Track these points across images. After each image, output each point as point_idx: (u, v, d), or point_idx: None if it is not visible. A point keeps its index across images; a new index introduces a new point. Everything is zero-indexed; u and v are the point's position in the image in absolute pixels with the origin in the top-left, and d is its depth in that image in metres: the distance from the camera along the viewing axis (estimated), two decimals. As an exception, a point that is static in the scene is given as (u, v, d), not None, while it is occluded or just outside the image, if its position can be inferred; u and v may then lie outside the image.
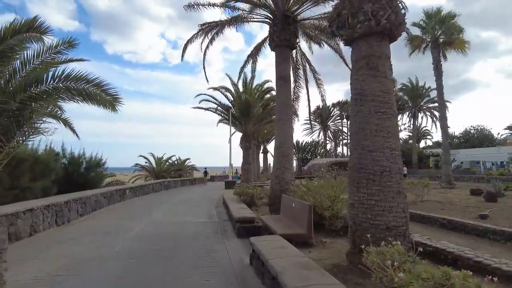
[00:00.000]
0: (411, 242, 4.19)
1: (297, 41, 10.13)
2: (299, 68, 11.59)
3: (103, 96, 7.23)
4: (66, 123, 9.16)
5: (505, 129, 45.32)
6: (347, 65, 11.54)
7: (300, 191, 7.97)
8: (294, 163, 52.15)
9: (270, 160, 41.68)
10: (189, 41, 11.68)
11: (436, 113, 41.74)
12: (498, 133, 47.05)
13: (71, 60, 7.59)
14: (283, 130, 9.18)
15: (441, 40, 20.67)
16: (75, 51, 7.94)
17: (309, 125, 54.34)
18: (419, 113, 41.76)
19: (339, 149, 56.06)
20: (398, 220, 4.14)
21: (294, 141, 48.84)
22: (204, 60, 12.40)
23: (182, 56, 12.10)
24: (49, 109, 8.14)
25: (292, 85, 10.32)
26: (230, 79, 18.40)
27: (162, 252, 5.96)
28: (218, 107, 19.48)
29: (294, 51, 10.73)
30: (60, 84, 6.97)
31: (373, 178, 4.23)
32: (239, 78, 13.38)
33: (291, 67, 10.48)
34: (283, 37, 9.56)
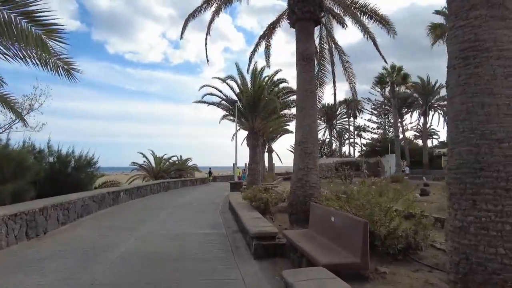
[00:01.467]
0: None
1: (322, 14, 8.39)
2: (325, 49, 9.81)
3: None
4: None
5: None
6: (379, 51, 9.84)
7: (333, 198, 6.22)
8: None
9: (275, 159, 39.97)
10: (191, 16, 9.96)
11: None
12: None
13: None
14: (306, 122, 7.45)
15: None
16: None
17: (324, 121, 52.62)
18: (430, 111, 39.95)
19: (344, 149, 54.40)
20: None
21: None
22: (207, 36, 10.62)
23: (182, 34, 10.41)
24: None
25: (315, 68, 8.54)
26: (238, 68, 16.65)
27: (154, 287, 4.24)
28: (222, 101, 17.70)
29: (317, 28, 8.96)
30: None
31: (506, 186, 2.52)
32: (249, 65, 11.66)
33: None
34: (306, 9, 7.85)
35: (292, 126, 30.34)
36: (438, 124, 42.38)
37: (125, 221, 9.53)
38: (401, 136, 50.46)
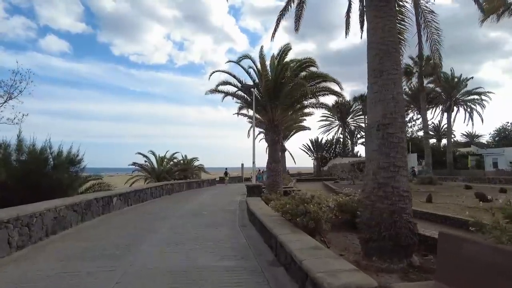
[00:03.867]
0: None
1: None
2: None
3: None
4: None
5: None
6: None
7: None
8: (312, 163, 47.44)
9: (288, 160, 37.08)
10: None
11: (477, 106, 36.93)
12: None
13: None
14: (389, 93, 4.63)
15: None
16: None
17: (328, 118, 49.56)
18: (454, 107, 36.80)
19: (357, 148, 51.24)
20: None
21: (311, 138, 44.10)
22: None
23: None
24: None
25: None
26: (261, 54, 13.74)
27: None
28: (238, 91, 14.77)
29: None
30: None
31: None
32: (273, 34, 8.87)
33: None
34: None
35: (308, 121, 27.48)
36: (465, 120, 38.76)
37: (111, 241, 6.81)
38: (418, 133, 47.57)
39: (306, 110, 17.70)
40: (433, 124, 45.88)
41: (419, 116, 44.25)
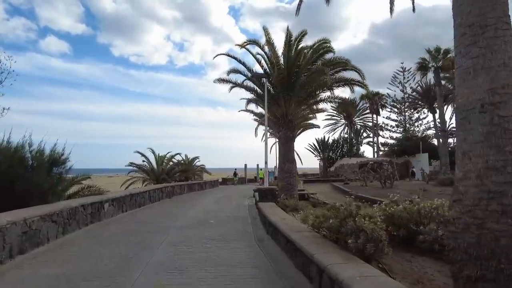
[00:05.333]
0: None
1: None
2: None
3: None
4: None
5: None
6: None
7: None
8: (318, 164, 45.55)
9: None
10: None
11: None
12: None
13: None
14: (496, 59, 3.06)
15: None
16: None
17: (334, 117, 47.82)
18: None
19: (362, 148, 49.50)
20: None
21: (317, 137, 42.31)
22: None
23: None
24: None
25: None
26: (266, 33, 11.99)
27: None
28: (247, 82, 13.08)
29: None
30: None
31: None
32: (298, 10, 7.32)
33: None
34: None
35: (318, 118, 25.70)
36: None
37: (94, 265, 5.17)
38: (428, 132, 45.90)
39: (320, 106, 16.07)
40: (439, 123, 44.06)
41: (425, 115, 42.72)
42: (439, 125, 30.58)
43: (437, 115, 38.56)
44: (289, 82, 11.71)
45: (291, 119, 12.52)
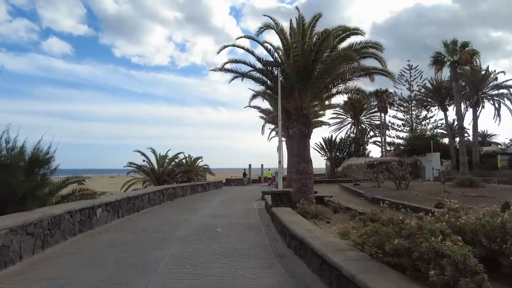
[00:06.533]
0: None
1: None
2: None
3: None
4: None
5: None
6: None
7: None
8: (324, 164, 44.18)
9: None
10: None
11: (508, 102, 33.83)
12: None
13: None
14: None
15: None
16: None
17: (339, 116, 46.28)
18: (483, 102, 33.66)
19: (368, 148, 48.00)
20: None
21: (324, 136, 40.89)
22: None
23: None
24: None
25: None
26: (274, 23, 10.55)
27: None
28: (257, 73, 11.67)
29: None
30: None
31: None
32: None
33: None
34: None
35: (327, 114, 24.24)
36: (495, 117, 35.58)
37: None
38: (433, 131, 44.45)
39: (333, 100, 14.74)
40: (443, 122, 42.49)
41: (432, 113, 41.25)
42: (454, 122, 29.13)
43: (449, 113, 37.20)
44: (305, 71, 10.34)
45: (306, 113, 11.18)
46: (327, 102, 15.60)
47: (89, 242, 6.93)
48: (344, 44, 11.07)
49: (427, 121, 42.92)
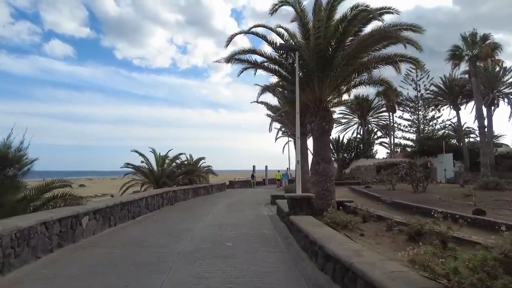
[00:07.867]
0: None
1: None
2: None
3: None
4: None
5: None
6: None
7: None
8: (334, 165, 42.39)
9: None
10: None
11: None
12: None
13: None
14: None
15: None
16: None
17: (346, 116, 44.74)
18: (498, 101, 32.11)
19: (375, 148, 46.31)
20: None
21: (331, 136, 39.48)
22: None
23: None
24: None
25: None
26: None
27: None
28: (269, 64, 10.20)
29: None
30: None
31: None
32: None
33: None
34: None
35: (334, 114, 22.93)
36: (511, 116, 34.00)
37: None
38: (444, 132, 42.90)
39: (350, 94, 13.29)
40: (450, 123, 40.83)
41: (441, 114, 39.65)
42: (475, 122, 27.54)
43: (461, 112, 35.71)
44: (327, 56, 8.85)
45: (326, 106, 9.73)
46: (345, 97, 14.12)
47: (67, 262, 5.50)
48: (369, 27, 9.59)
49: (435, 121, 41.41)
